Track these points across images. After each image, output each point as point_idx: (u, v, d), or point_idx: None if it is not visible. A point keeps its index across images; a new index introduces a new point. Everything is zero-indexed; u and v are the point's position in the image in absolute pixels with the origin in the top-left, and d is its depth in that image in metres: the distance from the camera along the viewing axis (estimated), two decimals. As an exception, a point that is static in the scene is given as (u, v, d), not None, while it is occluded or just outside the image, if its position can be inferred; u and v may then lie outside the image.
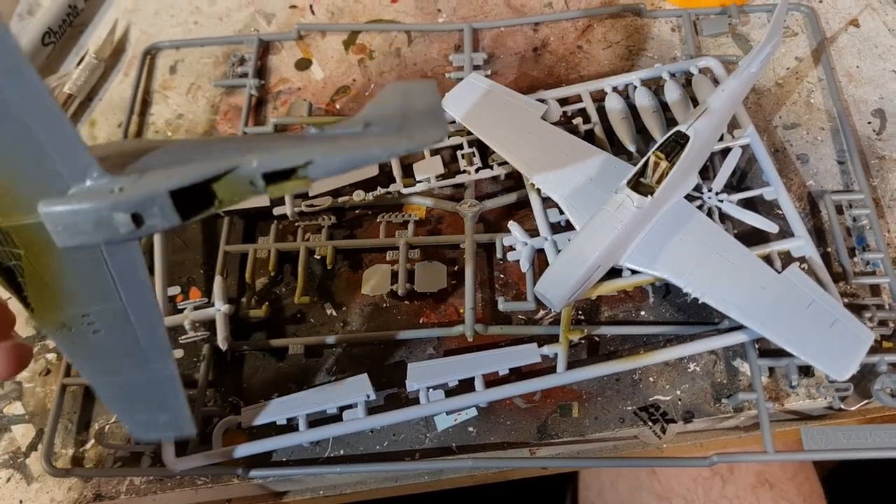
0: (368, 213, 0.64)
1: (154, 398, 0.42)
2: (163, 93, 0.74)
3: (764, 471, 0.70)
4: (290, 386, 0.58)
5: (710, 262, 0.52)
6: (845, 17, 0.72)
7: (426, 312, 0.60)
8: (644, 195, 0.51)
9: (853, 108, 0.66)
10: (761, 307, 0.50)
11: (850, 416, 0.57)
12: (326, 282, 0.62)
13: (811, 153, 0.64)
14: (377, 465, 0.54)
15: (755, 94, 0.67)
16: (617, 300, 0.59)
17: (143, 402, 0.43)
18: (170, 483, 0.55)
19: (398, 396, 0.56)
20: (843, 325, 0.50)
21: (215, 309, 0.57)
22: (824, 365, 0.49)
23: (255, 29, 0.77)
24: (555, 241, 0.57)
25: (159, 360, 0.40)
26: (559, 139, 0.60)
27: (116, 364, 0.40)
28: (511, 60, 0.72)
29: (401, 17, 0.76)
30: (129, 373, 0.40)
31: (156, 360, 0.40)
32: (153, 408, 0.43)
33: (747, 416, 0.56)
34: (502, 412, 0.56)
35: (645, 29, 0.72)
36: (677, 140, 0.53)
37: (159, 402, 0.43)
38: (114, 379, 0.41)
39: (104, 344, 0.38)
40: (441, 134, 0.34)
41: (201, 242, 0.65)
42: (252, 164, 0.32)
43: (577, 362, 0.56)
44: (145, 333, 0.39)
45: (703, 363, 0.57)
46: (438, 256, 0.62)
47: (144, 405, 0.43)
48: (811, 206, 0.62)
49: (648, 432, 0.55)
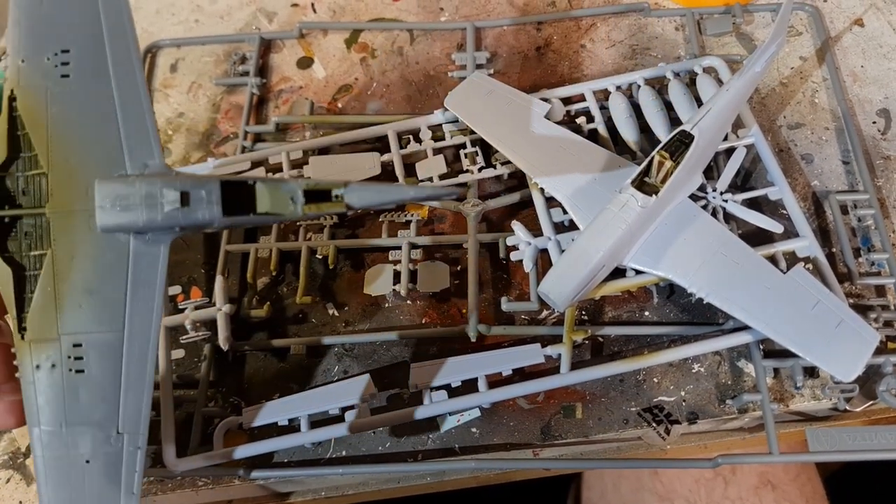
0: (371, 213, 0.64)
1: (100, 482, 0.37)
2: (164, 91, 0.74)
3: (766, 472, 0.70)
4: (292, 386, 0.57)
5: (715, 262, 0.52)
6: (850, 16, 0.71)
7: (429, 312, 0.60)
8: (648, 195, 0.50)
9: (858, 107, 0.66)
10: (766, 308, 0.50)
11: (855, 418, 0.57)
12: (328, 281, 0.62)
13: (816, 153, 0.64)
14: (380, 467, 0.54)
15: (759, 94, 0.67)
16: (621, 300, 0.59)
17: (82, 483, 0.37)
18: (170, 484, 0.55)
19: (401, 397, 0.56)
20: (849, 325, 0.50)
21: (216, 308, 0.57)
22: (830, 366, 0.49)
23: (257, 27, 0.77)
24: (558, 241, 0.57)
25: (132, 425, 0.37)
26: (563, 138, 0.59)
27: (82, 418, 0.37)
28: (514, 59, 0.72)
29: (403, 15, 0.76)
30: (91, 435, 0.37)
31: (130, 424, 0.37)
32: (90, 496, 0.37)
33: (752, 418, 0.56)
34: (505, 413, 0.56)
35: (648, 28, 0.72)
36: (682, 139, 0.52)
37: (103, 489, 0.37)
38: (68, 438, 0.37)
39: (80, 389, 0.37)
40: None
41: (202, 241, 0.64)
42: (297, 180, 0.35)
43: (581, 363, 0.56)
44: (131, 382, 0.37)
45: (707, 364, 0.56)
46: (441, 256, 0.61)
47: (81, 487, 0.37)
48: (816, 206, 0.61)
49: (652, 433, 0.55)
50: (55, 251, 0.36)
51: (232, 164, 0.64)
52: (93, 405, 0.37)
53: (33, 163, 0.37)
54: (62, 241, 0.36)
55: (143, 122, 0.36)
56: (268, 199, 0.34)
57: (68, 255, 0.36)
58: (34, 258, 0.36)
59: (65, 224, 0.36)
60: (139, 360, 0.36)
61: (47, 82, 0.37)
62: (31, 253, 0.36)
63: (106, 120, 0.36)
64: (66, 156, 0.36)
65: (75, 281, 0.36)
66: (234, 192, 0.34)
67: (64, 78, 0.37)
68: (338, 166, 0.64)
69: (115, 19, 0.37)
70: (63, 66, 0.37)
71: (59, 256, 0.36)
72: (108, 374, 0.36)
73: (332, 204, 0.35)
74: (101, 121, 0.36)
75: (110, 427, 0.37)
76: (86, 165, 0.36)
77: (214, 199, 0.34)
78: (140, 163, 0.36)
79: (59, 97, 0.37)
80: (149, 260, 0.35)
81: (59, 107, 0.37)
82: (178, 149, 0.70)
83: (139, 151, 0.36)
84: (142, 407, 0.37)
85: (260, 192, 0.34)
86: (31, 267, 0.36)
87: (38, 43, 0.38)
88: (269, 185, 0.34)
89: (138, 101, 0.37)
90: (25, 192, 0.37)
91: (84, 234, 0.35)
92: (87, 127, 0.36)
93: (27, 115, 0.37)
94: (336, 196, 0.34)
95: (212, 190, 0.34)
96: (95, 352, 0.36)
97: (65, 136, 0.36)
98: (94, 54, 0.37)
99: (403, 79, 0.72)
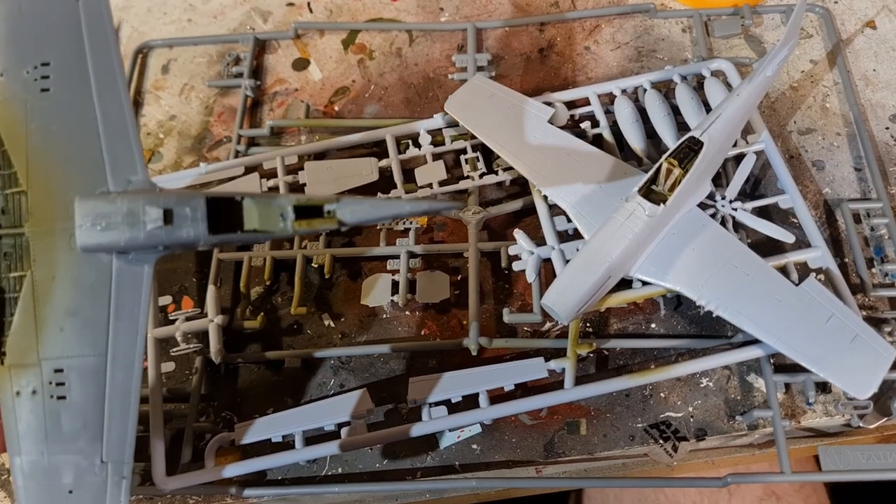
0: (368, 220, 0.62)
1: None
2: (155, 93, 0.72)
3: (772, 483, 0.69)
4: (286, 400, 0.56)
5: (724, 273, 0.50)
6: (861, 18, 0.70)
7: (428, 324, 0.58)
8: (656, 203, 0.49)
9: (870, 112, 0.64)
10: (778, 321, 0.49)
11: (868, 434, 0.55)
12: (324, 291, 0.60)
13: (827, 160, 0.62)
14: (377, 485, 0.52)
15: (769, 98, 0.65)
16: (627, 312, 0.57)
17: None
18: (160, 502, 0.53)
19: (399, 412, 0.54)
20: (864, 340, 0.48)
21: (208, 319, 0.55)
22: (844, 383, 0.47)
23: (251, 27, 0.75)
24: (562, 251, 0.55)
25: (117, 453, 0.36)
26: (566, 144, 0.58)
27: (65, 447, 0.35)
28: (516, 61, 0.70)
29: (402, 15, 0.74)
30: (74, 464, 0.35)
31: (114, 451, 0.36)
32: None
33: (762, 434, 0.54)
34: (507, 429, 0.54)
35: (655, 29, 0.70)
36: (690, 146, 0.51)
37: None
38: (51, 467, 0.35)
39: (62, 416, 0.35)
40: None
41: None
42: (287, 195, 0.34)
43: (586, 377, 0.54)
44: (115, 408, 0.35)
45: (716, 378, 0.55)
46: (441, 265, 0.59)
47: None
48: (827, 214, 0.60)
49: (659, 450, 0.53)
50: (35, 272, 0.34)
51: (225, 168, 0.63)
52: (75, 432, 0.35)
53: (12, 180, 0.35)
54: (42, 261, 0.34)
55: (126, 136, 0.35)
56: (256, 216, 0.33)
57: (49, 276, 0.34)
58: (14, 280, 0.35)
59: (45, 244, 0.34)
60: (123, 386, 0.35)
61: (27, 96, 0.36)
62: (10, 275, 0.35)
63: (88, 135, 0.35)
64: (46, 173, 0.35)
65: (56, 303, 0.34)
66: (220, 209, 0.33)
67: (44, 92, 0.36)
68: (334, 172, 0.62)
69: (97, 31, 0.36)
70: (43, 80, 0.37)
71: (39, 278, 0.34)
72: (91, 400, 0.35)
73: (323, 220, 0.33)
74: (83, 136, 0.35)
75: (94, 455, 0.35)
76: (66, 182, 0.34)
77: (200, 217, 0.32)
78: (123, 179, 0.35)
79: (40, 112, 0.36)
80: (132, 280, 0.34)
81: (40, 122, 0.36)
82: (170, 153, 0.68)
83: (122, 167, 0.35)
84: (126, 434, 0.35)
85: (248, 209, 0.33)
86: (10, 289, 0.35)
87: (17, 55, 0.37)
88: (258, 201, 0.33)
89: (121, 116, 0.35)
90: (5, 210, 0.35)
91: (65, 253, 0.34)
92: (69, 142, 0.35)
93: (6, 130, 0.36)
94: (328, 212, 0.33)
95: (197, 207, 0.32)
96: (78, 377, 0.35)
97: (45, 153, 0.35)
98: (76, 67, 0.36)
99: (402, 81, 0.70)
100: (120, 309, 0.34)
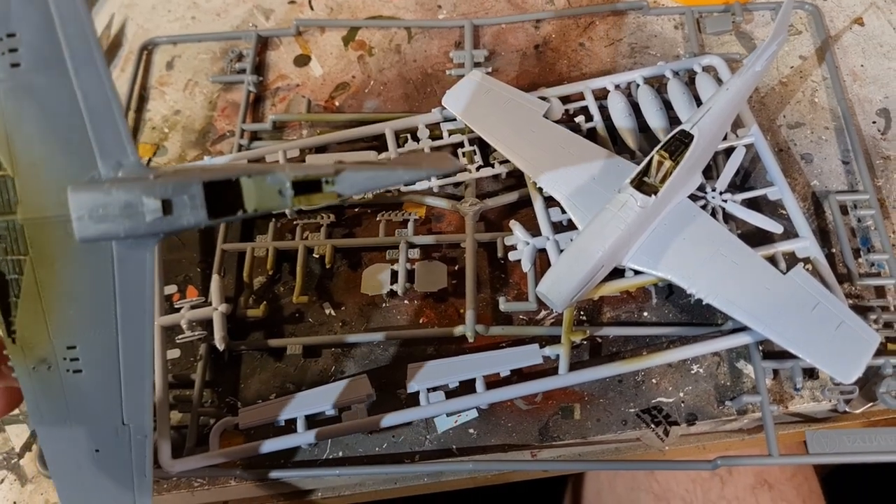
0: (368, 212, 0.64)
1: (112, 468, 0.38)
2: (160, 89, 0.73)
3: (763, 471, 0.70)
4: (289, 386, 0.57)
5: (714, 262, 0.51)
6: (850, 15, 0.71)
7: (426, 312, 0.59)
8: (648, 195, 0.50)
9: (858, 107, 0.65)
10: (766, 309, 0.50)
11: (855, 419, 0.57)
12: (325, 281, 0.61)
13: (815, 153, 0.64)
14: (376, 468, 0.54)
15: (759, 93, 0.67)
16: (620, 301, 0.58)
17: (95, 471, 0.38)
18: (166, 485, 0.54)
19: (398, 397, 0.56)
20: (849, 327, 0.49)
21: (212, 308, 0.57)
22: (830, 368, 0.49)
23: (254, 24, 0.77)
24: (557, 241, 0.56)
25: (137, 417, 0.37)
26: (561, 137, 0.59)
27: (86, 414, 0.37)
28: (512, 57, 0.71)
29: (401, 13, 0.76)
30: (97, 429, 0.37)
31: (133, 416, 0.37)
32: (103, 483, 0.38)
33: (751, 419, 0.55)
34: (503, 414, 0.55)
35: (647, 26, 0.72)
36: (681, 139, 0.52)
37: (116, 474, 0.38)
38: (74, 433, 0.37)
39: (80, 388, 0.36)
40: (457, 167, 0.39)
41: (198, 240, 0.64)
42: (284, 170, 0.33)
43: (580, 363, 0.56)
44: (131, 378, 0.36)
45: (706, 365, 0.56)
46: (439, 256, 0.61)
47: (94, 476, 0.38)
48: (815, 206, 0.61)
49: (651, 435, 0.55)
50: (33, 258, 0.34)
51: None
52: (95, 402, 0.36)
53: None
54: (39, 247, 0.34)
55: (110, 115, 0.32)
56: (254, 195, 0.33)
57: (48, 261, 0.34)
58: (12, 262, 0.34)
59: (40, 231, 0.34)
60: (137, 356, 0.36)
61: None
62: (7, 257, 0.34)
63: (70, 115, 0.32)
64: (31, 156, 0.33)
65: (60, 287, 0.34)
66: (219, 191, 0.32)
67: (14, 67, 0.33)
68: (335, 165, 0.63)
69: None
70: (11, 53, 0.33)
71: (38, 262, 0.34)
72: (107, 372, 0.36)
73: (323, 195, 0.33)
74: (66, 116, 0.33)
75: (116, 419, 0.36)
76: (55, 167, 0.33)
77: (199, 203, 0.32)
78: (113, 161, 0.33)
79: (13, 90, 0.33)
80: (135, 264, 0.34)
81: (16, 101, 0.33)
82: (175, 147, 0.70)
83: (111, 149, 0.33)
84: (144, 400, 0.37)
85: (246, 188, 0.32)
86: (10, 271, 0.35)
87: None
88: (255, 179, 0.32)
89: (103, 93, 0.32)
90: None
91: (63, 241, 0.33)
92: (51, 123, 0.33)
93: None
94: (327, 181, 0.32)
95: (195, 194, 0.32)
96: (91, 352, 0.35)
97: (27, 136, 0.33)
98: (47, 39, 0.32)
99: (401, 77, 0.71)
100: (125, 290, 0.34)
